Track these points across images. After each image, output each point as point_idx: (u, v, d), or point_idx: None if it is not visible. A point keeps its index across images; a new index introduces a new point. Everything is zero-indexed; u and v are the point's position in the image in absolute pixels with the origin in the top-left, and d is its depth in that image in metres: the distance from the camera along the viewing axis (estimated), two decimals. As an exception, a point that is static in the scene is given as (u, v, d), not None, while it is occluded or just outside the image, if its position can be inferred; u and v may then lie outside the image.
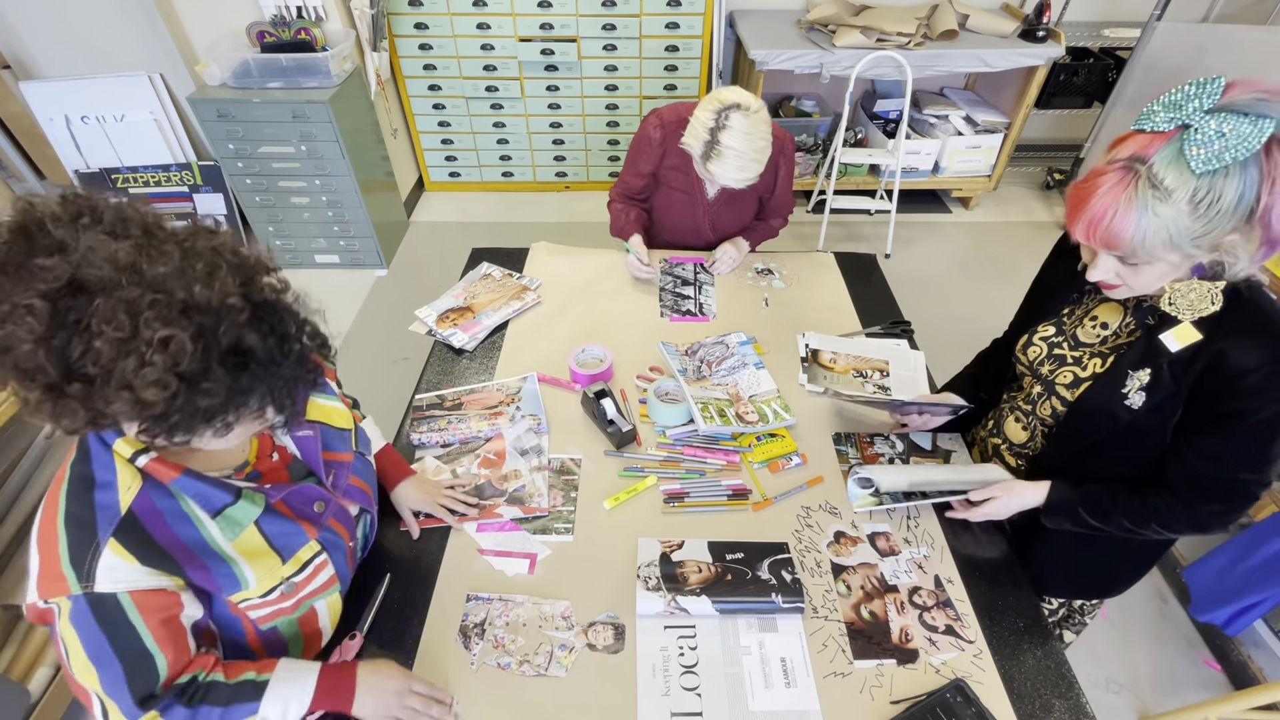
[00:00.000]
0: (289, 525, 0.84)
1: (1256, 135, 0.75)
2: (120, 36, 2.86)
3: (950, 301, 2.98)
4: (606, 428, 1.30)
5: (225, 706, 0.78)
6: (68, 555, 0.69)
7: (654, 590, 1.05)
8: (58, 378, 0.58)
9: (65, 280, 0.58)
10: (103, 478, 0.72)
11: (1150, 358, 0.95)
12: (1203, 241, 0.82)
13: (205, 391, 0.61)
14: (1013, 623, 1.05)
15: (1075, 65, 3.31)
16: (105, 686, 0.71)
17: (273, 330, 0.66)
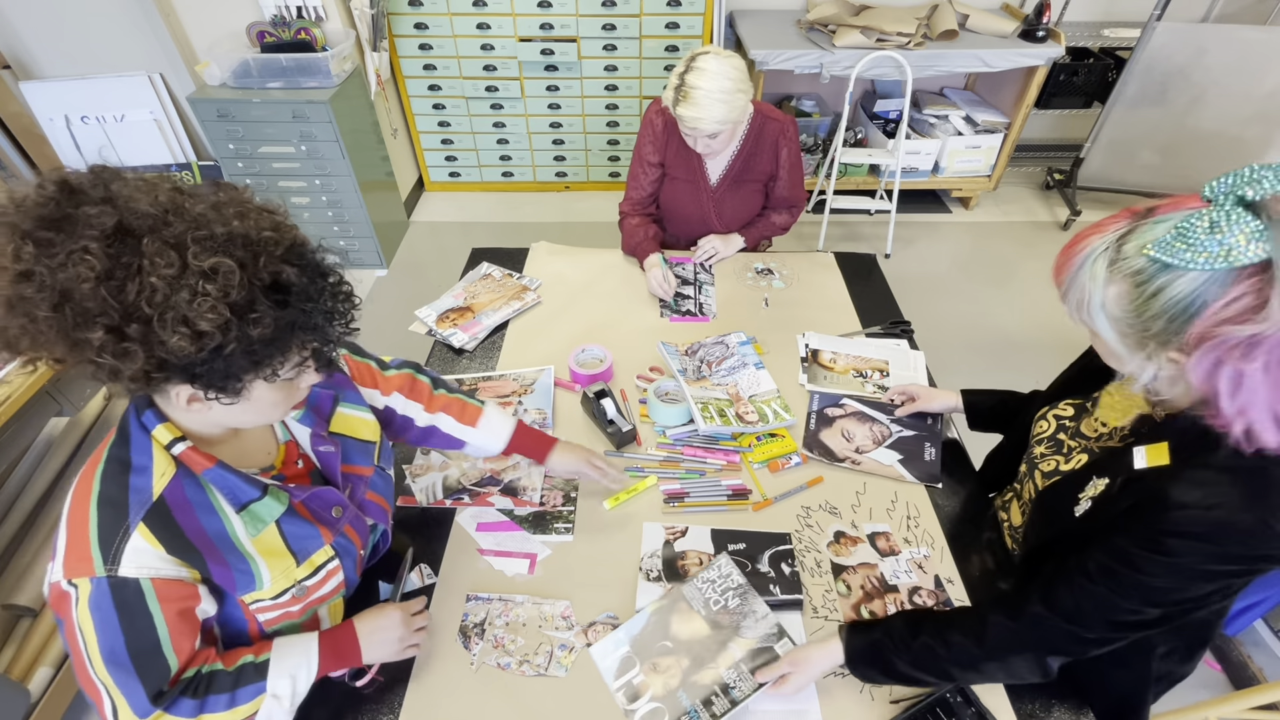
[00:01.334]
0: (307, 527, 0.85)
1: (1235, 254, 0.61)
2: (120, 36, 2.86)
3: (950, 301, 2.98)
4: (606, 428, 1.30)
5: (232, 691, 0.78)
6: (97, 536, 0.70)
7: (655, 582, 1.05)
8: (118, 318, 0.60)
9: (114, 225, 0.60)
10: (139, 462, 0.73)
11: (1114, 468, 0.83)
12: (1127, 335, 0.71)
13: (254, 321, 0.62)
14: (1013, 622, 1.04)
15: (1075, 65, 3.31)
16: (116, 679, 0.71)
17: (305, 265, 0.68)
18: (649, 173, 1.79)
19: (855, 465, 1.25)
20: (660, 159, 1.77)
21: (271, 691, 0.80)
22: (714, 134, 1.57)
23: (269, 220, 0.68)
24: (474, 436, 1.12)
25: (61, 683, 1.55)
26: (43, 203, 0.61)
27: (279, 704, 0.81)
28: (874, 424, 1.33)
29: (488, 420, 1.13)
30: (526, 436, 1.16)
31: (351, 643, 0.89)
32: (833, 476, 1.26)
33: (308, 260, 0.69)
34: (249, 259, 0.63)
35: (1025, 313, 2.89)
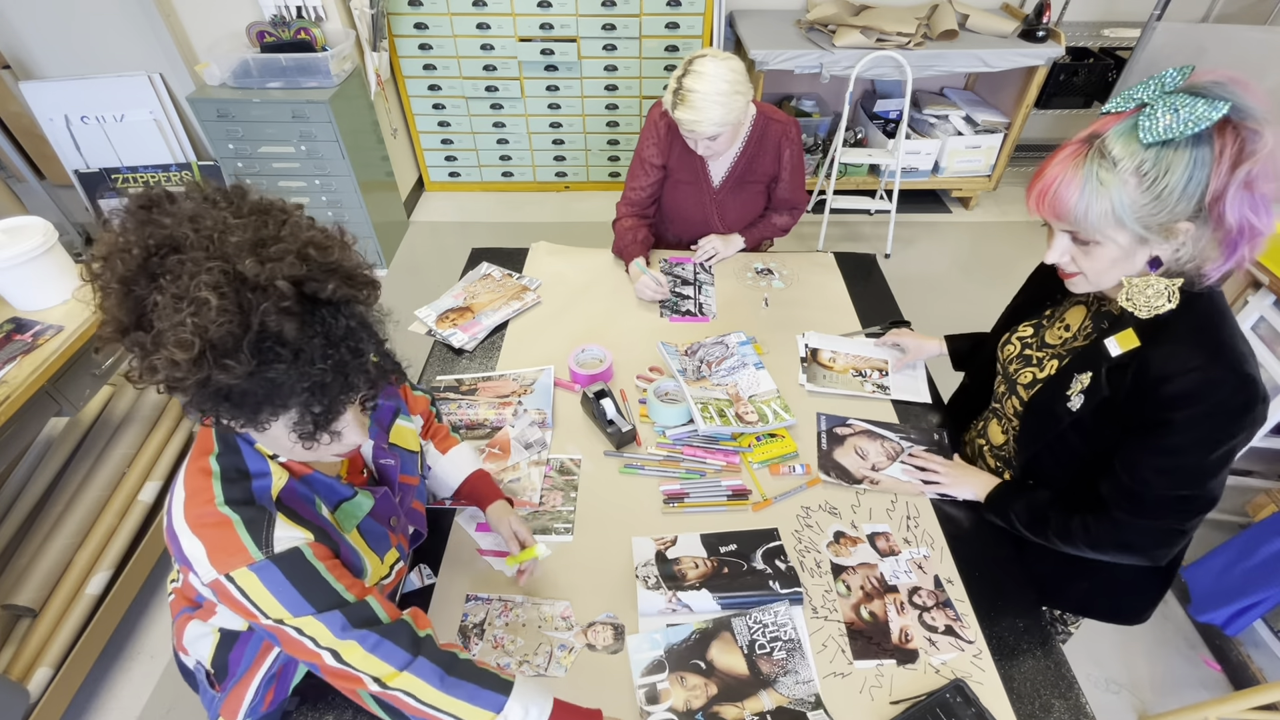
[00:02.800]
0: (379, 528, 0.89)
1: (1209, 113, 0.74)
2: (120, 36, 2.86)
3: (950, 301, 2.98)
4: (606, 428, 1.30)
5: (477, 685, 0.78)
6: (245, 529, 0.71)
7: (655, 589, 1.05)
8: (130, 323, 0.62)
9: (164, 237, 0.62)
10: (256, 468, 0.76)
11: (1093, 361, 0.94)
12: (1151, 222, 0.80)
13: (226, 368, 0.60)
14: (1013, 623, 1.05)
15: (1075, 65, 3.31)
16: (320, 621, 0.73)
17: (323, 331, 0.64)
18: (650, 174, 1.78)
19: (874, 484, 1.23)
20: (663, 161, 1.76)
21: (505, 712, 0.78)
22: (713, 136, 1.57)
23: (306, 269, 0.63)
24: (439, 464, 1.12)
25: (61, 683, 1.55)
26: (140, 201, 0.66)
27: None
28: (884, 440, 1.31)
29: (458, 452, 1.13)
30: (484, 482, 1.13)
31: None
32: (833, 476, 1.26)
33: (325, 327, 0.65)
34: (249, 302, 0.60)
35: (1025, 313, 2.88)
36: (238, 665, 0.91)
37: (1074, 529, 1.01)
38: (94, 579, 1.71)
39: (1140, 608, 1.17)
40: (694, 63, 1.51)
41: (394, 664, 0.75)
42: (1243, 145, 0.75)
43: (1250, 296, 1.74)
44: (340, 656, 0.74)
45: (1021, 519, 1.07)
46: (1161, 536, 0.95)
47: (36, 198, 3.12)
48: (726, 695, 0.95)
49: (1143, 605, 1.17)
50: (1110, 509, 0.96)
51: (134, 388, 0.69)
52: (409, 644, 0.77)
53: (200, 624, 0.92)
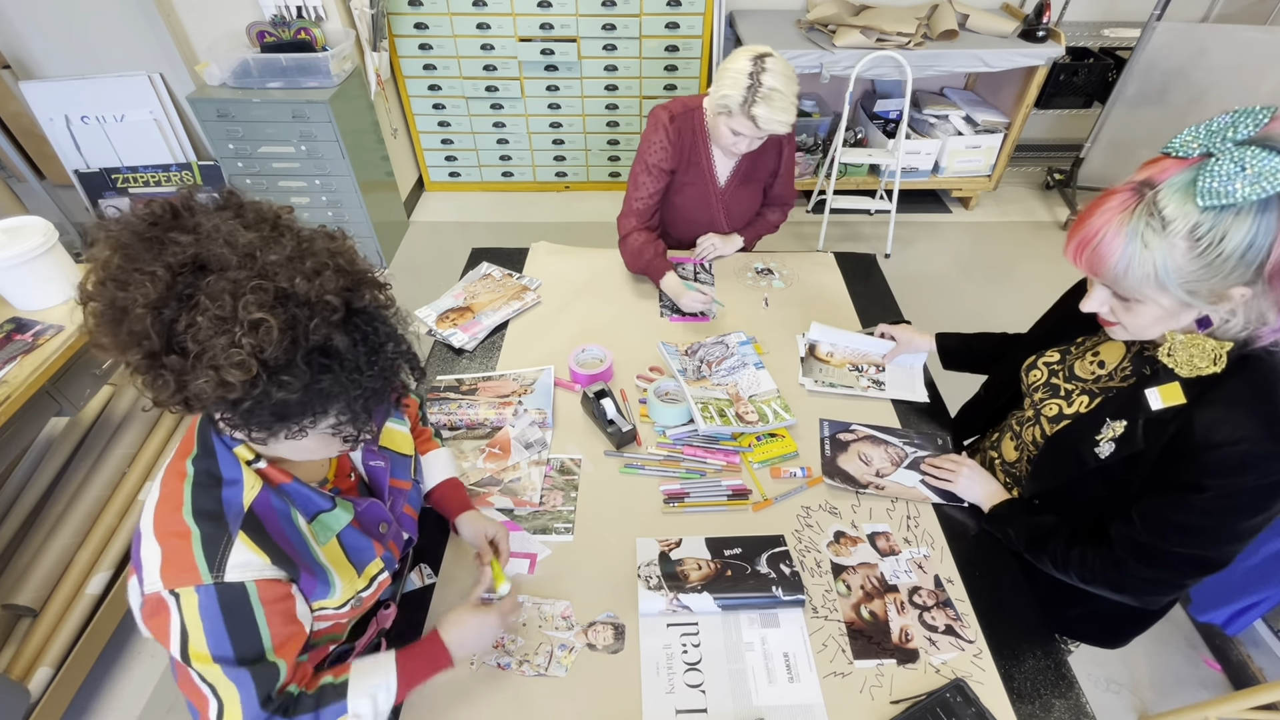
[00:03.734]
0: (363, 540, 0.87)
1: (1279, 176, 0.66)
2: (120, 36, 2.86)
3: (950, 301, 2.98)
4: (606, 428, 1.30)
5: (315, 711, 0.78)
6: (200, 546, 0.70)
7: (655, 589, 1.05)
8: (159, 347, 0.61)
9: (189, 257, 0.62)
10: (229, 475, 0.74)
11: (1130, 410, 0.88)
12: (1200, 288, 0.74)
13: (284, 384, 0.62)
14: (1013, 623, 1.05)
15: (1075, 65, 3.31)
16: (229, 676, 0.72)
17: (364, 339, 0.67)
18: (658, 180, 1.73)
19: (880, 490, 1.23)
20: (673, 165, 1.72)
21: (353, 711, 0.80)
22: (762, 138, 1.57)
23: (344, 279, 0.66)
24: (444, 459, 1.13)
25: (61, 683, 1.55)
26: (147, 219, 0.64)
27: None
28: (888, 446, 1.31)
29: (435, 457, 1.12)
30: (455, 490, 1.12)
31: (439, 652, 0.88)
32: (833, 476, 1.26)
33: (367, 335, 0.68)
34: (303, 317, 0.62)
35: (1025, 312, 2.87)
36: None
37: (1072, 560, 0.98)
38: (94, 579, 1.71)
39: (1126, 636, 1.18)
40: (764, 60, 1.48)
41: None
42: None
43: None
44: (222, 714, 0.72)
45: (1020, 539, 1.06)
46: (1160, 587, 0.92)
47: (36, 198, 3.12)
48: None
49: (1129, 634, 1.18)
50: (1115, 549, 0.93)
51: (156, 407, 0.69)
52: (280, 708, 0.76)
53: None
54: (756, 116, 1.50)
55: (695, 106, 1.68)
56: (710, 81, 3.28)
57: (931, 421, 1.38)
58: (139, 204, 0.66)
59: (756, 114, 1.50)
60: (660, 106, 1.70)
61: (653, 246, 1.70)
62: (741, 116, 1.52)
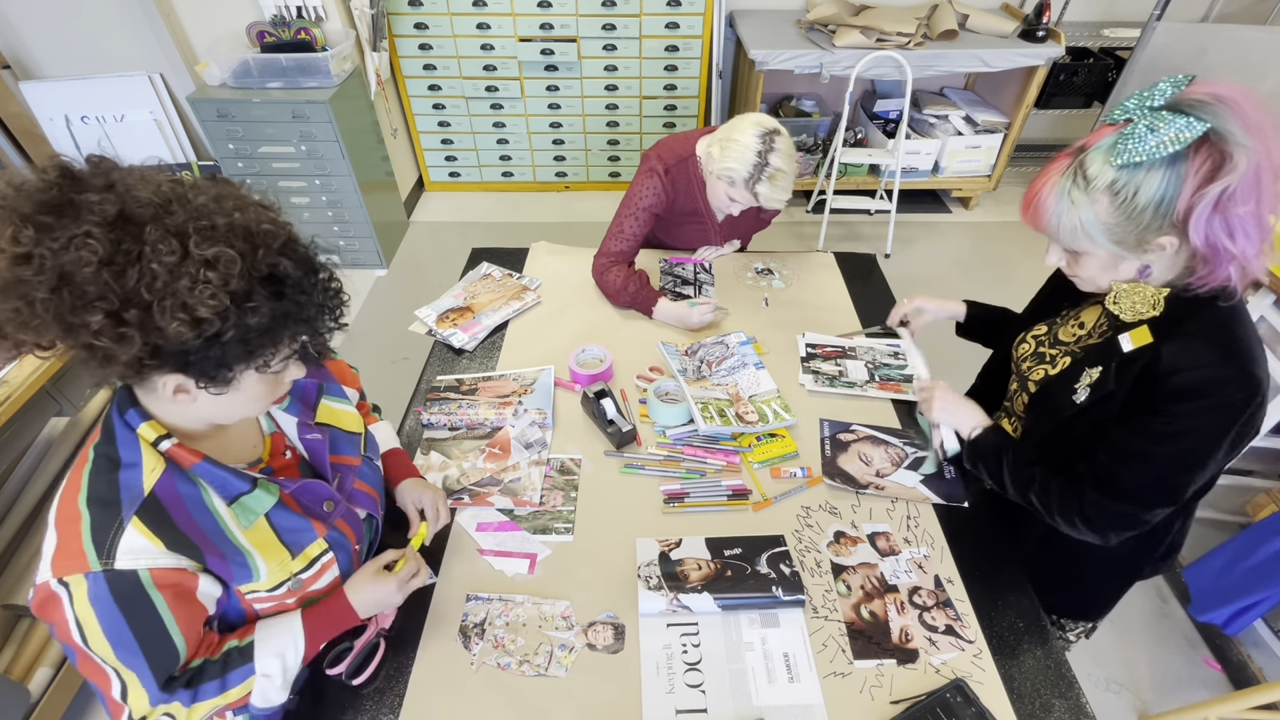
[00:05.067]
0: (298, 521, 0.85)
1: (1185, 133, 0.74)
2: (120, 36, 2.86)
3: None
4: (606, 428, 1.30)
5: (221, 676, 0.79)
6: (89, 533, 0.69)
7: (655, 589, 1.05)
8: (117, 304, 0.60)
9: (116, 213, 0.61)
10: (128, 458, 0.73)
11: (1105, 356, 0.95)
12: (1125, 238, 0.82)
13: (252, 310, 0.64)
14: (1013, 623, 1.05)
15: (1075, 65, 3.31)
16: (126, 663, 0.72)
17: (300, 259, 0.70)
18: (644, 226, 1.68)
19: (880, 491, 1.23)
20: (664, 209, 1.68)
21: (261, 671, 0.81)
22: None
23: (266, 215, 0.69)
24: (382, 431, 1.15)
25: (61, 683, 1.55)
26: (44, 188, 0.62)
27: (270, 682, 0.82)
28: (888, 446, 1.31)
29: (376, 430, 1.13)
30: (397, 459, 1.14)
31: (343, 610, 0.89)
32: (833, 476, 1.26)
33: (301, 254, 0.71)
34: (248, 250, 0.64)
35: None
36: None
37: (1052, 491, 1.01)
38: (94, 579, 1.71)
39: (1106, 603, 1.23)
40: (774, 139, 1.47)
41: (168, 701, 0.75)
42: (1215, 166, 0.75)
43: (1250, 296, 1.74)
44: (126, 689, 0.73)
45: (1010, 470, 1.05)
46: (1123, 520, 0.96)
47: (36, 198, 3.11)
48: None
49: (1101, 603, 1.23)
50: (1081, 483, 0.97)
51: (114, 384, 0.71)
52: (183, 682, 0.77)
53: None
54: (759, 194, 1.52)
55: (688, 155, 1.65)
56: (710, 83, 3.30)
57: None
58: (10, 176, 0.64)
59: (759, 192, 1.51)
60: (653, 154, 1.66)
61: (635, 279, 1.64)
62: (744, 190, 1.52)
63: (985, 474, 1.11)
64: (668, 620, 1.04)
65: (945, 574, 1.10)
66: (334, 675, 0.95)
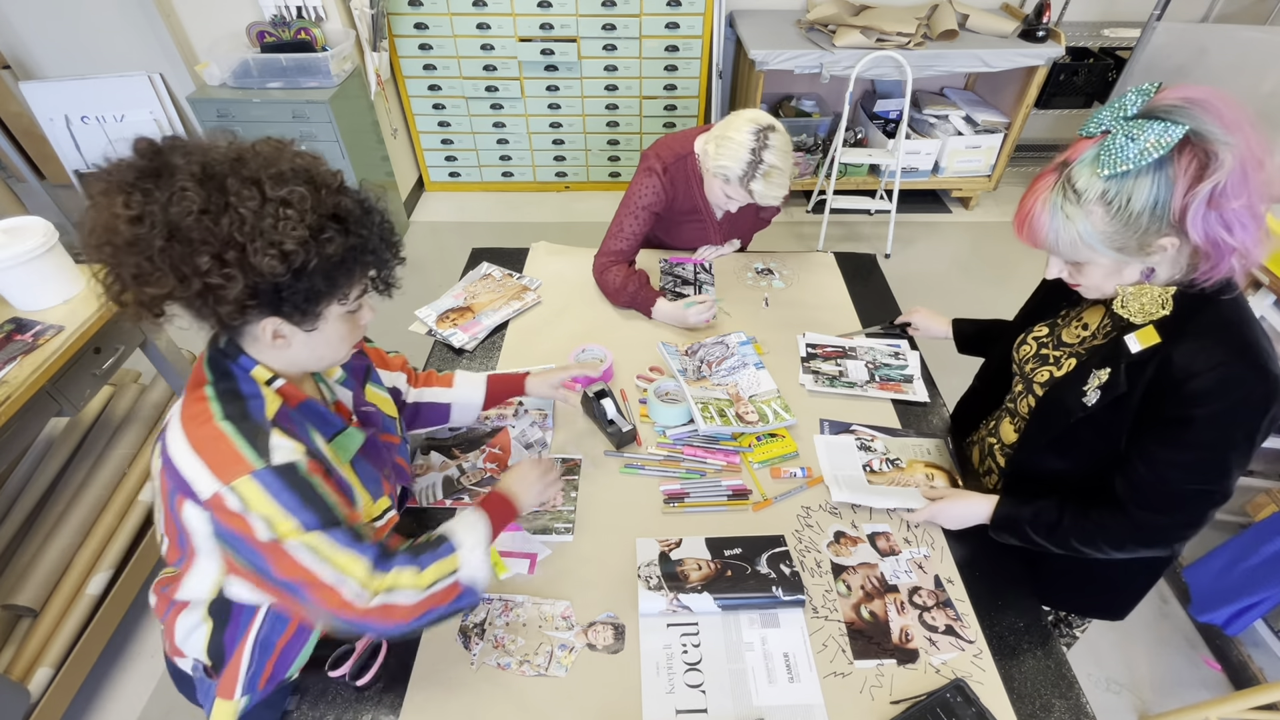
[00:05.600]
0: (374, 472, 0.93)
1: (1164, 139, 0.76)
2: (120, 36, 2.86)
3: (950, 301, 2.98)
4: (607, 428, 1.30)
5: (434, 549, 0.85)
6: (242, 440, 0.74)
7: (655, 589, 1.05)
8: (219, 246, 0.68)
9: (200, 169, 0.69)
10: (249, 390, 0.79)
11: (1113, 358, 0.94)
12: (1126, 244, 0.83)
13: (328, 240, 0.71)
14: (1013, 623, 1.05)
15: (1075, 65, 3.31)
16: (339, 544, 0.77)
17: (356, 199, 0.77)
18: (644, 224, 1.68)
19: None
20: (664, 208, 1.68)
21: (463, 544, 0.87)
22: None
23: (318, 163, 0.76)
24: (455, 395, 1.23)
25: (61, 683, 1.55)
26: (138, 159, 0.70)
27: (474, 554, 0.87)
28: None
29: (461, 379, 1.25)
30: (501, 381, 1.27)
31: (506, 505, 0.99)
32: (833, 476, 1.26)
33: (356, 194, 0.78)
34: (312, 191, 0.71)
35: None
36: (232, 643, 0.91)
37: (1091, 531, 0.99)
38: (94, 579, 1.71)
39: (1125, 604, 1.20)
40: (768, 135, 1.47)
41: (383, 571, 0.79)
42: (1201, 165, 0.76)
43: (1250, 296, 1.74)
44: (341, 569, 0.76)
45: (1039, 531, 1.03)
46: (1180, 530, 0.96)
47: (36, 198, 3.12)
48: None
49: (1128, 602, 1.20)
50: (1126, 505, 0.96)
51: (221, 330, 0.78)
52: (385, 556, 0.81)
53: (190, 616, 0.91)
54: (754, 192, 1.51)
55: (687, 153, 1.65)
56: (710, 83, 3.30)
57: (931, 420, 1.38)
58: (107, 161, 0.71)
59: (754, 189, 1.50)
60: (651, 153, 1.66)
61: (634, 279, 1.64)
62: (739, 188, 1.52)
63: (1016, 542, 1.08)
64: (668, 620, 1.04)
65: (945, 574, 1.10)
66: (336, 677, 0.95)
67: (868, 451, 1.29)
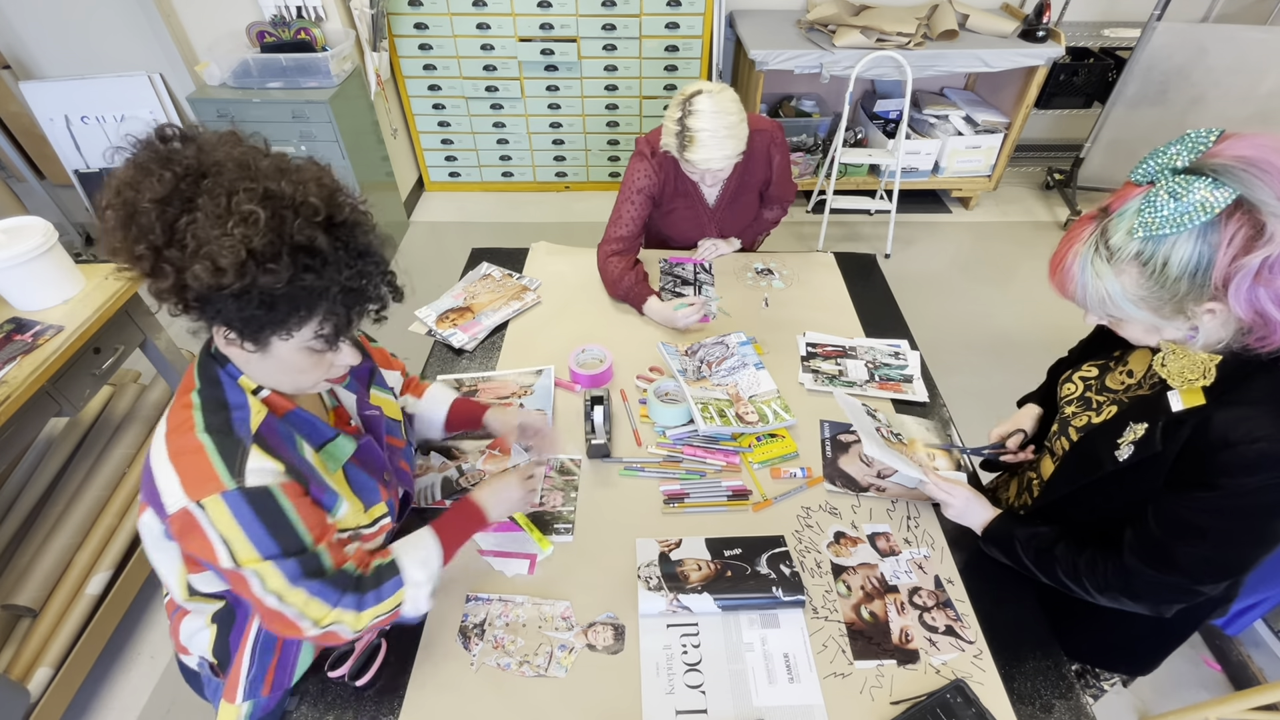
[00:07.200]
0: (368, 479, 0.92)
1: (1209, 204, 0.68)
2: (120, 36, 2.86)
3: (950, 301, 2.98)
4: (587, 434, 1.29)
5: (377, 588, 0.85)
6: (217, 456, 0.74)
7: (655, 590, 1.05)
8: (162, 241, 0.67)
9: (193, 164, 0.69)
10: (235, 399, 0.79)
11: (1151, 413, 0.87)
12: (1162, 307, 0.76)
13: (271, 272, 0.67)
14: (1013, 623, 1.05)
15: (1075, 65, 3.31)
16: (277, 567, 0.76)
17: (345, 245, 0.73)
18: (642, 209, 1.70)
19: (880, 492, 1.22)
20: (657, 192, 1.71)
21: (410, 580, 0.88)
22: (723, 168, 1.57)
23: (325, 191, 0.73)
24: (419, 407, 1.20)
25: (61, 683, 1.55)
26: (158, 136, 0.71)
27: (419, 589, 0.89)
28: None
29: (431, 393, 1.22)
30: (466, 405, 1.23)
31: (474, 514, 1.00)
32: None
33: (349, 241, 0.73)
34: (288, 215, 0.68)
35: (1025, 313, 2.89)
36: (235, 643, 0.92)
37: (1082, 567, 0.95)
38: (94, 579, 1.71)
39: (1154, 659, 1.14)
40: (691, 101, 1.48)
41: (327, 605, 0.80)
42: (1250, 236, 0.68)
43: None
44: (284, 600, 0.77)
45: (1028, 553, 1.00)
46: (1173, 593, 0.90)
47: (36, 198, 3.12)
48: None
49: (1156, 657, 1.13)
50: (1126, 554, 0.90)
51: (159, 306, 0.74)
52: (341, 586, 0.82)
53: (194, 618, 0.92)
54: (693, 161, 1.52)
55: None
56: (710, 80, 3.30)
57: (930, 420, 1.38)
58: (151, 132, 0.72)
59: (691, 159, 1.52)
60: (642, 139, 1.70)
61: (631, 273, 1.65)
62: (683, 161, 1.55)
63: (1004, 559, 1.05)
64: (668, 621, 1.04)
65: (945, 574, 1.10)
66: (336, 677, 0.95)
67: (873, 419, 1.26)
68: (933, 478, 1.12)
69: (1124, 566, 0.90)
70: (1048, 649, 1.02)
